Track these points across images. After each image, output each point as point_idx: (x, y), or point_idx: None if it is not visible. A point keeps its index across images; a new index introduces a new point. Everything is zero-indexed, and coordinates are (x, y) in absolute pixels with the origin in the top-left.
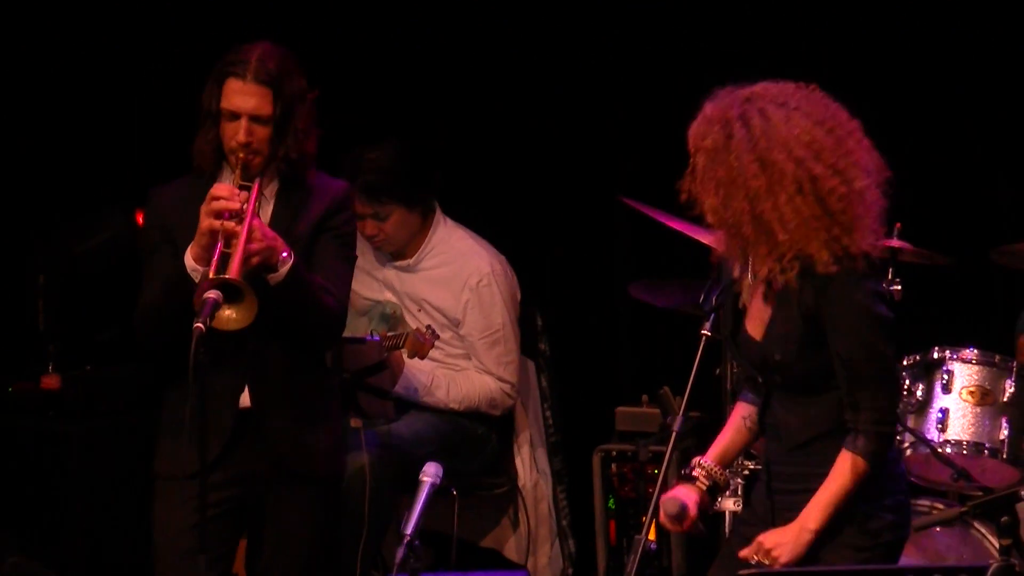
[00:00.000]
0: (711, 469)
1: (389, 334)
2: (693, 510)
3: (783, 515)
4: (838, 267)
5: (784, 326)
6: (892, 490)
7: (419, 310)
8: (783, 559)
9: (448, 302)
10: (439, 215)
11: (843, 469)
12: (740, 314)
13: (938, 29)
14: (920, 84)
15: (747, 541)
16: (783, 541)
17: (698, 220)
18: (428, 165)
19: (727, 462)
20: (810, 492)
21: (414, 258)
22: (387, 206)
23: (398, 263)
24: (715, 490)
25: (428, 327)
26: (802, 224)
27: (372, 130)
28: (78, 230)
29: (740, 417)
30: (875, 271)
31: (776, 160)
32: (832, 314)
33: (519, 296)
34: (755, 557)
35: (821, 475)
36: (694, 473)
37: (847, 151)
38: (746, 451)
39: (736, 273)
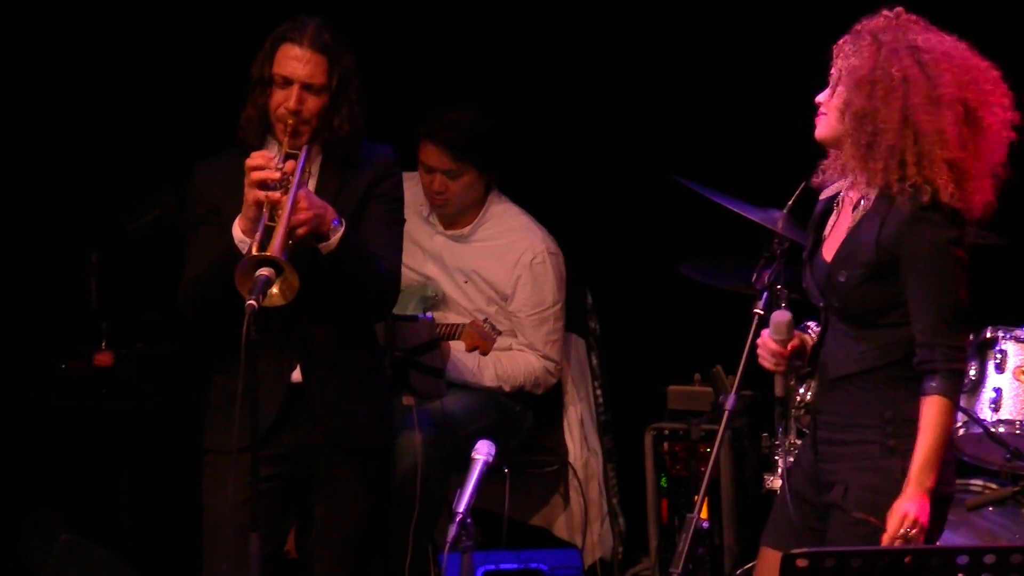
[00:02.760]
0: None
1: (445, 323)
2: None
3: (825, 468)
4: (933, 205)
5: (856, 249)
6: None
7: (465, 282)
8: (916, 517)
9: (499, 275)
10: (495, 191)
11: (932, 415)
12: (820, 241)
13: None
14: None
15: (797, 496)
16: (910, 513)
17: (747, 198)
18: (505, 136)
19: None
20: (854, 444)
21: (469, 228)
22: (463, 165)
23: (451, 232)
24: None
25: (487, 321)
26: (946, 156)
27: (419, 111)
28: (129, 209)
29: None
30: (964, 224)
31: (944, 95)
32: (916, 252)
33: (566, 276)
34: (899, 537)
35: (868, 424)
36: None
37: (995, 103)
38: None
39: (827, 195)
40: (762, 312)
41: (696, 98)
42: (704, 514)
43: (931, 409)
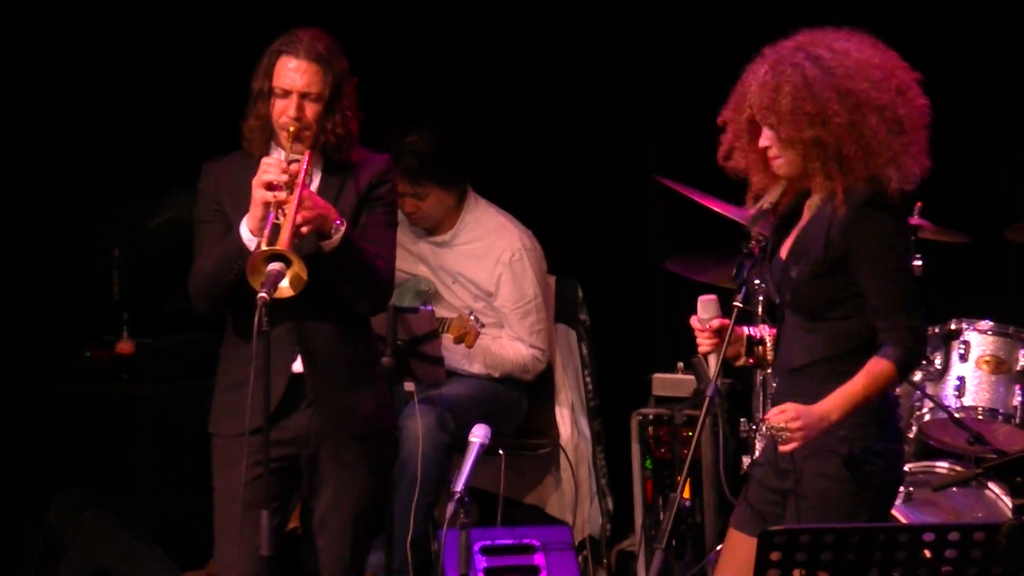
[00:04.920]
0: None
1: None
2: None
3: (783, 456)
4: (873, 200)
5: (806, 247)
6: (884, 437)
7: (453, 282)
8: (797, 435)
9: (482, 275)
10: (471, 194)
11: (872, 369)
12: (779, 243)
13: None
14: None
15: (759, 483)
16: (804, 420)
17: (728, 197)
18: (462, 149)
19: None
20: None
21: (449, 234)
22: (425, 186)
23: (433, 238)
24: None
25: (472, 314)
26: (880, 145)
27: (408, 113)
28: (149, 207)
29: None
30: (903, 208)
31: (855, 88)
32: (863, 247)
33: (546, 267)
34: (775, 421)
35: None
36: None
37: (900, 81)
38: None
39: (776, 204)
40: (741, 305)
41: (678, 103)
42: (686, 494)
43: (874, 366)
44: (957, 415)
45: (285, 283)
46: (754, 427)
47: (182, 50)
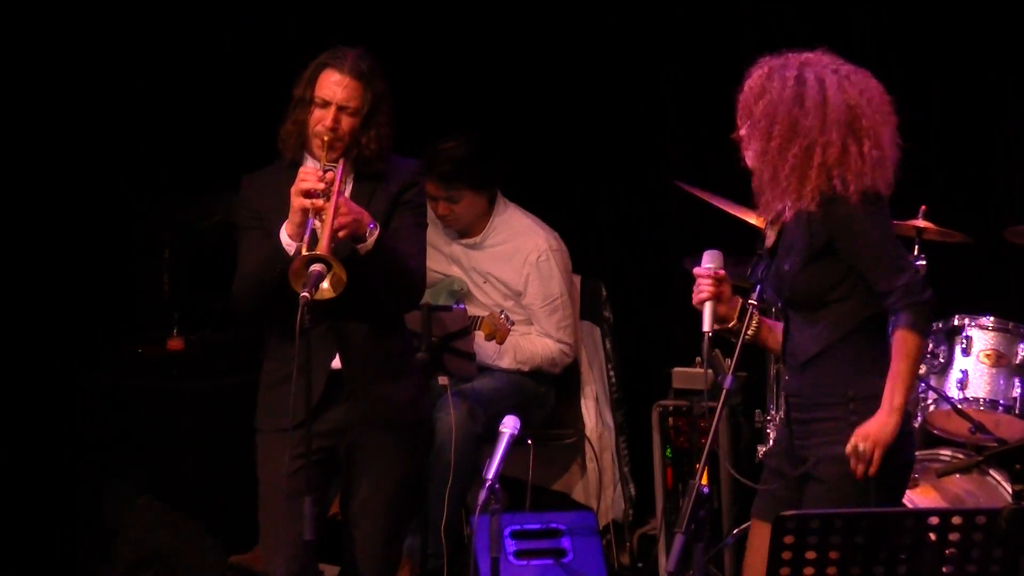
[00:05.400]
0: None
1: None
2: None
3: (799, 444)
4: (855, 191)
5: (790, 242)
6: None
7: (484, 282)
8: (880, 443)
9: (511, 275)
10: (501, 198)
11: (899, 347)
12: (775, 249)
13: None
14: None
15: (772, 472)
16: (870, 430)
17: (744, 201)
18: (493, 155)
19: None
20: (821, 421)
21: (480, 236)
22: (459, 190)
23: (465, 241)
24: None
25: (503, 312)
26: (838, 167)
27: (444, 121)
28: (198, 211)
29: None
30: (883, 200)
31: (834, 118)
32: (843, 224)
33: (571, 267)
34: (858, 449)
35: (832, 403)
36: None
37: (882, 117)
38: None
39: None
40: (756, 303)
41: (697, 113)
42: (704, 481)
43: (898, 342)
44: (960, 406)
45: (326, 284)
46: (767, 418)
47: (228, 69)
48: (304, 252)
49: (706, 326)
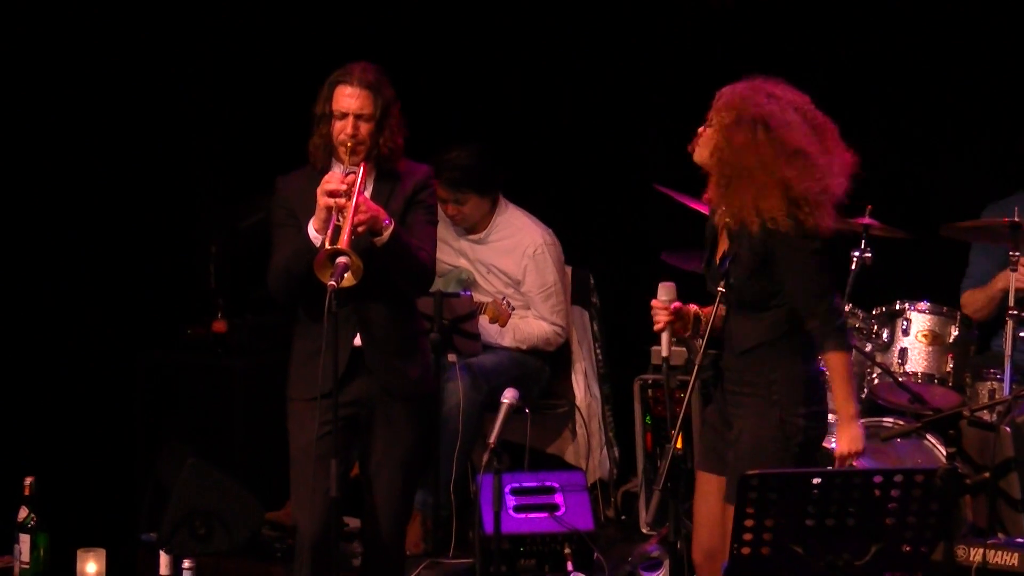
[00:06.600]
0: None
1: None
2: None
3: (731, 410)
4: (792, 225)
5: (738, 257)
6: (810, 401)
7: (488, 272)
8: (854, 448)
9: (511, 266)
10: (502, 200)
11: (836, 367)
12: (714, 248)
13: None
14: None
15: (711, 427)
16: (843, 449)
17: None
18: (496, 162)
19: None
20: (748, 395)
21: (484, 233)
22: (465, 194)
23: (471, 236)
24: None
25: (505, 299)
26: (783, 195)
27: (451, 132)
28: (240, 210)
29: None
30: (819, 236)
31: (786, 149)
32: (784, 254)
33: (563, 258)
34: (845, 464)
35: (759, 382)
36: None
37: (829, 153)
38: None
39: (716, 217)
40: (723, 290)
41: (676, 122)
42: (679, 445)
43: (835, 364)
44: (900, 379)
45: (348, 273)
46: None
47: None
48: (327, 245)
49: (664, 351)
